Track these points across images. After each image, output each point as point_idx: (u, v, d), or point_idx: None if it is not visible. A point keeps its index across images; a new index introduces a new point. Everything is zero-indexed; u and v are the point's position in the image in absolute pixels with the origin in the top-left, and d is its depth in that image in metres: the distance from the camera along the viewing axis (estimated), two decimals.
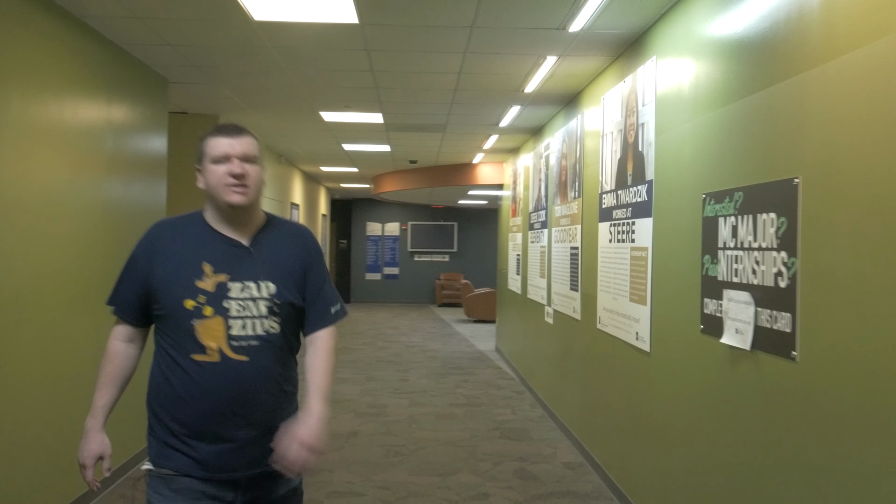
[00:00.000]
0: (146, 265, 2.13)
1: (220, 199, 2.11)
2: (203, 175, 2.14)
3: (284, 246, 2.23)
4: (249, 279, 2.13)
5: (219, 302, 2.08)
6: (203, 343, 2.07)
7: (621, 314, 4.65)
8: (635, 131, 4.45)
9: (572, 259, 6.07)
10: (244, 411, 2.09)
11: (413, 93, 6.15)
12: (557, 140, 6.79)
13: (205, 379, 2.07)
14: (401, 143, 9.12)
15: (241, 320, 2.09)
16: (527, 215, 8.55)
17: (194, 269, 2.10)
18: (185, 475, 2.09)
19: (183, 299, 2.08)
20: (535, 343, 7.80)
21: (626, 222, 4.57)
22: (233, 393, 2.08)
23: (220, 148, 2.10)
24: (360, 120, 7.49)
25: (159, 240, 2.17)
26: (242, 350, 2.09)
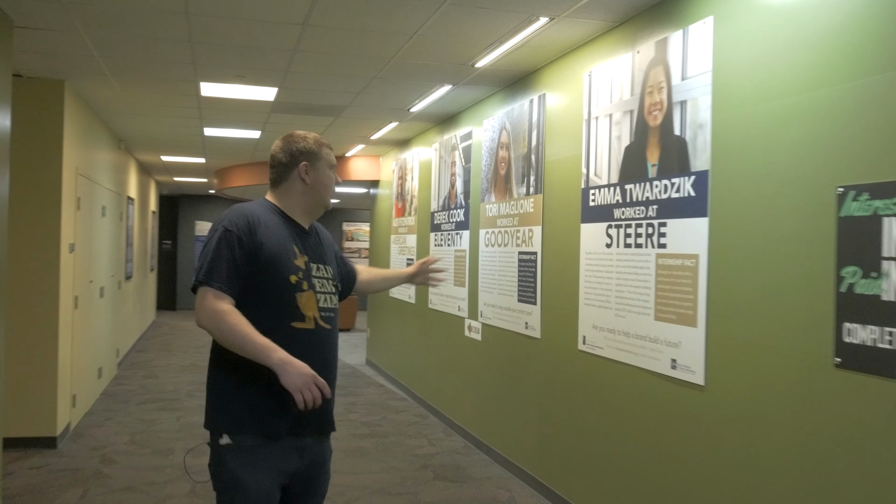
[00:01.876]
0: (250, 242, 2.30)
1: (326, 199, 2.52)
2: (316, 174, 2.47)
3: (324, 237, 2.62)
4: (320, 262, 2.49)
5: (309, 278, 2.39)
6: (304, 313, 2.34)
7: (638, 336, 3.80)
8: (665, 111, 3.62)
9: (525, 266, 5.17)
10: (329, 371, 2.39)
11: (339, 59, 4.99)
12: (490, 128, 5.87)
13: (303, 344, 2.32)
14: (277, 129, 7.83)
15: (324, 295, 2.43)
16: (427, 215, 7.56)
17: (289, 249, 2.38)
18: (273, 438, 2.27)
19: (289, 274, 2.34)
20: (447, 361, 6.83)
21: (648, 223, 3.73)
22: (323, 356, 2.39)
23: (334, 159, 2.53)
24: (246, 96, 6.18)
25: (257, 221, 2.34)
26: (327, 320, 2.42)
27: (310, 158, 2.45)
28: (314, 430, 2.38)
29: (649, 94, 3.76)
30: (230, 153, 9.88)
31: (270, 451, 2.27)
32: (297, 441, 2.33)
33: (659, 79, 3.68)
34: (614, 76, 4.09)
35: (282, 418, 2.26)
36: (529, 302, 5.09)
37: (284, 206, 2.45)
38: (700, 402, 3.33)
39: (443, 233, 7.03)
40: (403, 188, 8.59)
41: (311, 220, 2.52)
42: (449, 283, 6.79)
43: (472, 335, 6.17)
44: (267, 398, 2.24)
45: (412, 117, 7.04)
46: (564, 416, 4.59)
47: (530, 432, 5.06)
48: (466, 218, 6.40)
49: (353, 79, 5.55)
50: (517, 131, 5.37)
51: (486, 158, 5.94)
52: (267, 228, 2.34)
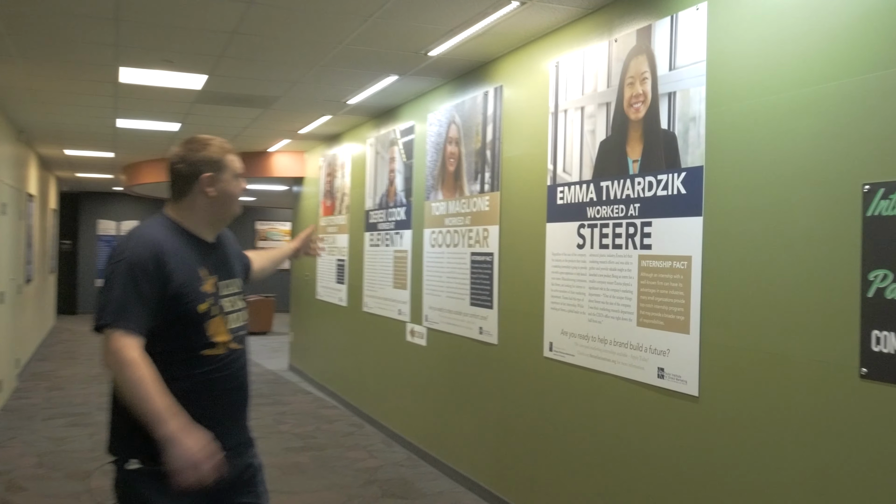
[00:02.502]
0: (158, 275, 2.15)
1: (233, 209, 2.38)
2: (221, 185, 2.32)
3: (228, 244, 2.51)
4: (227, 276, 2.39)
5: (218, 301, 2.29)
6: (214, 340, 2.25)
7: (617, 343, 3.56)
8: (649, 104, 3.40)
9: (479, 268, 4.89)
10: (242, 391, 2.38)
11: (282, 45, 4.58)
12: (436, 122, 5.57)
13: (215, 370, 2.25)
14: (199, 121, 7.30)
15: (234, 314, 2.36)
16: (361, 214, 7.19)
17: (196, 275, 2.25)
18: None
19: (198, 304, 2.22)
20: (386, 367, 6.48)
21: (629, 223, 3.50)
22: (234, 378, 2.33)
23: (240, 165, 2.40)
24: (170, 83, 5.67)
25: (163, 252, 2.18)
26: (238, 340, 2.35)
27: (214, 168, 2.30)
28: (228, 449, 2.26)
29: (630, 86, 3.54)
30: (143, 147, 9.22)
31: None
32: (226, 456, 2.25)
33: (641, 69, 3.46)
34: (587, 66, 3.85)
35: None
36: (484, 306, 4.81)
37: (187, 223, 2.31)
38: (693, 413, 3.12)
39: (380, 232, 6.67)
40: (333, 185, 8.18)
41: (217, 231, 2.39)
42: (387, 286, 6.44)
43: (416, 340, 5.85)
44: None
45: (347, 111, 6.66)
46: (527, 426, 4.33)
47: (486, 443, 4.78)
48: (408, 217, 6.07)
49: (293, 67, 5.15)
50: (469, 125, 5.08)
51: (432, 154, 5.63)
52: (174, 256, 2.20)
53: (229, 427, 2.30)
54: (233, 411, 2.34)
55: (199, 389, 2.21)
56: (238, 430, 2.36)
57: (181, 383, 2.17)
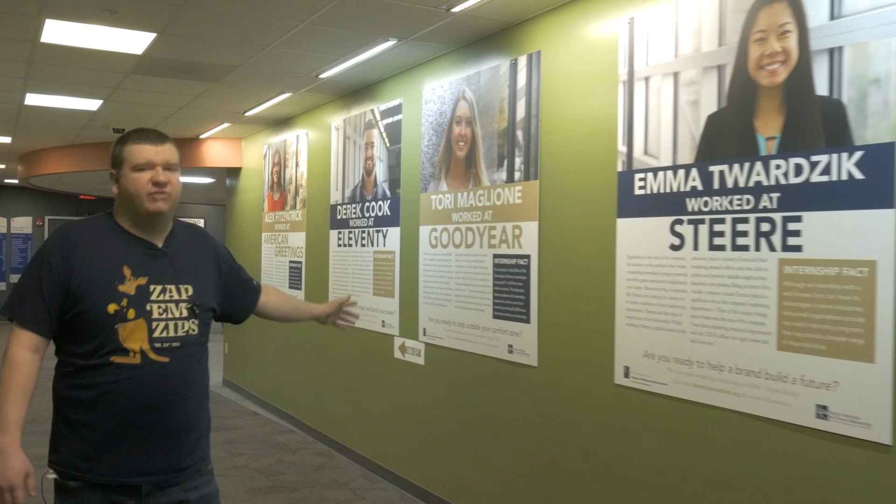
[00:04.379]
0: (63, 271, 2.08)
1: (141, 206, 2.12)
2: (121, 181, 2.14)
3: (195, 249, 2.29)
4: (169, 282, 2.16)
5: (141, 305, 2.10)
6: (126, 346, 2.07)
7: (744, 370, 2.79)
8: (793, 64, 2.63)
9: (506, 273, 4.04)
10: (164, 412, 2.11)
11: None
12: (436, 98, 4.67)
13: (125, 381, 2.06)
14: (126, 98, 6.14)
15: (163, 322, 2.12)
16: (324, 209, 6.20)
17: (115, 273, 2.10)
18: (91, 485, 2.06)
19: (106, 304, 2.07)
20: (364, 388, 5.53)
21: (761, 217, 2.73)
22: (152, 394, 2.09)
23: (143, 155, 2.11)
24: (106, 45, 4.56)
25: (73, 244, 2.11)
26: (164, 351, 2.11)
27: (115, 163, 2.16)
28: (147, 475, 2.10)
29: (759, 43, 2.76)
30: (50, 131, 7.88)
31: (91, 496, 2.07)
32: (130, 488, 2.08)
33: (779, 20, 2.69)
34: (682, 21, 3.06)
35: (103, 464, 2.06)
36: (515, 319, 3.97)
37: (121, 220, 2.19)
38: (884, 465, 2.37)
39: (352, 230, 5.72)
40: (282, 177, 7.14)
41: (153, 231, 2.19)
42: (364, 293, 5.51)
43: (410, 358, 4.95)
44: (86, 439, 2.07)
45: (311, 88, 5.68)
46: (587, 469, 3.51)
47: (519, 486, 3.93)
48: (394, 212, 5.15)
49: (266, 28, 4.15)
50: (487, 101, 4.22)
51: (431, 137, 4.74)
52: (87, 252, 2.10)
53: (140, 453, 2.09)
54: (148, 434, 2.09)
55: (105, 401, 2.05)
56: (154, 460, 2.11)
57: (87, 392, 2.06)
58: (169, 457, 2.13)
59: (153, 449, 2.10)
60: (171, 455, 2.13)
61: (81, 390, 2.07)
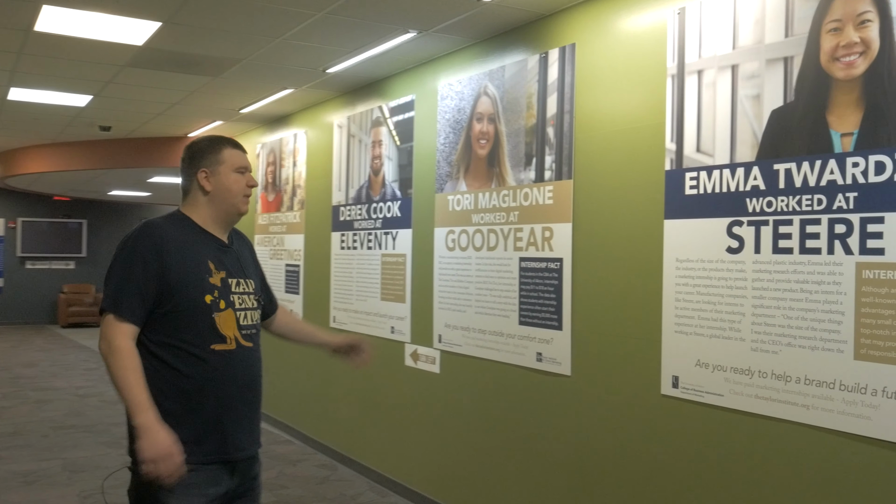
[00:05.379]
0: (158, 265, 2.21)
1: (234, 206, 2.37)
2: (217, 180, 2.34)
3: (245, 247, 2.53)
4: (240, 276, 2.39)
5: (227, 296, 2.31)
6: (223, 333, 2.27)
7: (816, 381, 2.62)
8: (873, 56, 2.47)
9: (535, 277, 3.84)
10: (254, 392, 2.36)
11: None
12: (453, 94, 4.47)
13: (226, 365, 2.27)
14: (119, 93, 5.86)
15: (244, 312, 2.35)
16: (325, 210, 5.97)
17: (204, 266, 2.29)
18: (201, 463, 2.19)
19: (203, 295, 2.25)
20: (371, 396, 5.30)
21: (834, 220, 2.56)
22: (247, 376, 2.33)
23: (242, 160, 2.40)
24: (105, 35, 4.29)
25: (165, 240, 2.25)
26: (248, 337, 2.35)
27: (208, 163, 2.35)
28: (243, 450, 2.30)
29: (833, 33, 2.60)
30: (32, 128, 7.55)
31: (198, 477, 2.19)
32: (228, 463, 2.27)
33: (857, 8, 2.52)
34: (741, 11, 2.89)
35: (210, 444, 2.22)
36: (545, 325, 3.77)
37: (195, 218, 2.36)
38: None
39: (358, 232, 5.49)
40: (277, 177, 6.89)
41: (228, 229, 2.42)
42: (371, 297, 5.28)
43: (424, 366, 4.73)
44: (193, 424, 2.21)
45: (315, 84, 5.45)
46: (625, 479, 3.33)
47: (545, 502, 3.73)
48: (406, 213, 4.94)
49: (281, 18, 3.92)
50: (513, 97, 4.02)
51: (448, 135, 4.53)
52: (176, 247, 2.26)
53: (238, 431, 2.29)
54: (243, 413, 2.31)
55: (209, 386, 2.23)
56: (247, 436, 2.33)
57: (190, 379, 2.22)
58: (254, 430, 2.38)
59: (247, 426, 2.33)
60: (255, 429, 2.38)
61: (183, 379, 2.22)
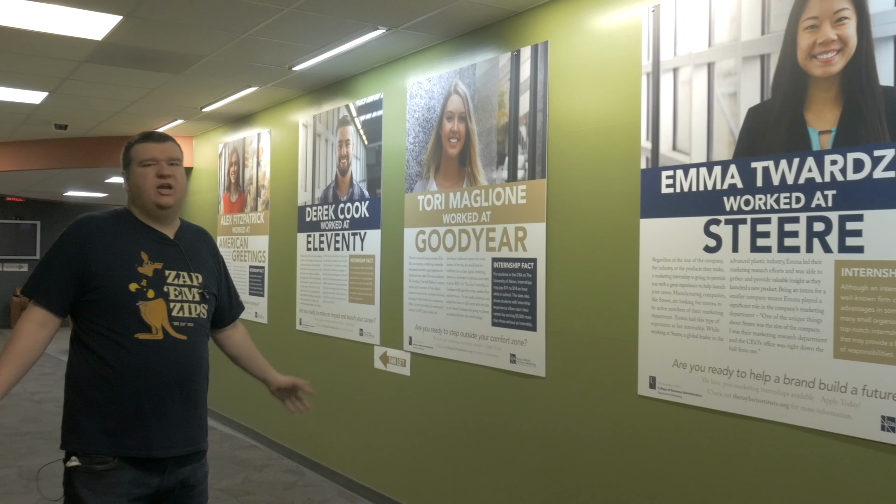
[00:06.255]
0: (80, 254, 2.24)
1: (149, 199, 2.31)
2: (130, 179, 2.34)
3: (200, 244, 2.49)
4: (181, 269, 2.36)
5: (159, 286, 2.28)
6: (148, 322, 2.24)
7: (794, 380, 2.61)
8: (850, 54, 2.47)
9: (508, 278, 3.79)
10: (184, 387, 2.29)
11: None
12: (423, 93, 4.41)
13: (150, 355, 2.23)
14: (76, 90, 5.69)
15: (179, 303, 2.31)
16: (290, 210, 5.86)
17: (134, 256, 2.28)
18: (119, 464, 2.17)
19: (128, 282, 2.23)
20: (339, 400, 5.21)
21: (812, 218, 2.55)
22: (176, 369, 2.27)
23: (148, 153, 2.32)
24: (64, 28, 4.15)
25: (91, 231, 2.28)
26: (182, 330, 2.29)
27: (124, 164, 2.38)
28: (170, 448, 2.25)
29: (810, 31, 2.59)
30: None
31: (121, 476, 2.19)
32: (156, 463, 2.23)
33: (835, 6, 2.52)
34: (717, 8, 2.88)
35: (131, 438, 2.19)
36: (519, 327, 3.73)
37: (136, 213, 2.37)
38: None
39: (324, 233, 5.39)
40: (240, 177, 6.76)
41: (164, 223, 2.38)
42: (339, 299, 5.19)
43: (393, 368, 4.66)
44: (113, 415, 2.19)
45: (280, 82, 5.34)
46: (602, 481, 3.30)
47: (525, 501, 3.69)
48: (374, 213, 4.86)
49: (248, 13, 3.82)
50: (484, 95, 3.98)
51: (418, 134, 4.47)
52: (105, 237, 2.28)
53: (166, 427, 2.24)
54: (172, 408, 2.26)
55: (130, 376, 2.20)
56: (177, 434, 2.27)
57: (113, 368, 2.20)
58: (188, 429, 2.30)
59: (176, 422, 2.26)
60: (189, 428, 2.30)
61: (106, 367, 2.21)
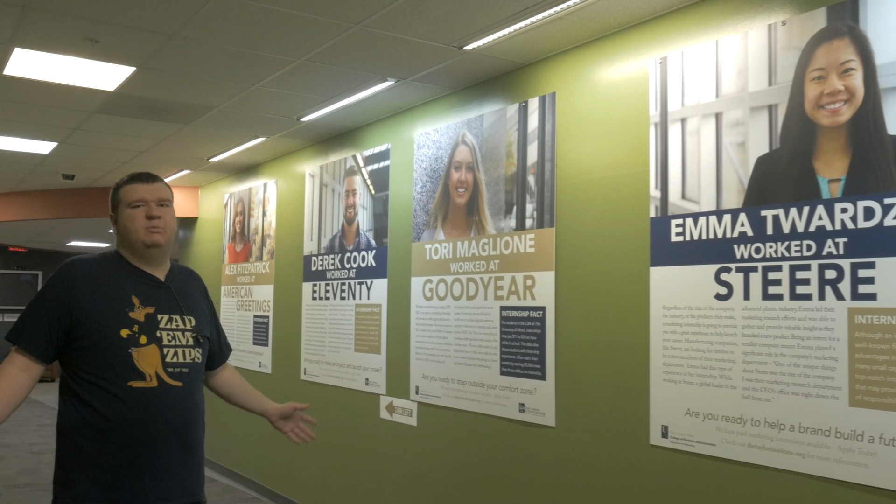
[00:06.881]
0: (67, 300, 2.17)
1: (139, 240, 2.24)
2: (119, 220, 2.28)
3: (191, 286, 2.43)
4: (174, 312, 2.29)
5: (151, 331, 2.21)
6: (141, 369, 2.16)
7: (805, 428, 2.58)
8: (858, 104, 2.51)
9: (517, 327, 3.78)
10: (181, 436, 2.21)
11: (265, 27, 3.36)
12: (430, 143, 4.46)
13: (145, 404, 2.15)
14: (85, 140, 5.75)
15: (173, 349, 2.24)
16: (296, 259, 5.87)
17: (125, 301, 2.20)
18: None
19: (119, 328, 2.16)
20: (344, 450, 5.15)
21: (824, 266, 2.56)
22: (172, 417, 2.19)
23: (137, 194, 2.26)
24: (75, 80, 4.21)
25: (80, 276, 2.21)
26: (177, 376, 2.22)
27: (112, 206, 2.33)
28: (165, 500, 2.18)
29: (817, 81, 2.64)
30: None
31: None
32: None
33: (840, 57, 2.57)
34: (724, 60, 2.93)
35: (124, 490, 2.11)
36: (528, 376, 3.71)
37: (126, 255, 2.31)
38: None
39: (330, 282, 5.40)
40: (246, 226, 6.79)
41: (155, 266, 2.32)
42: (344, 349, 5.17)
43: (399, 418, 4.61)
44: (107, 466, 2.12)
45: (287, 133, 5.41)
46: None
47: None
48: (381, 262, 4.87)
49: (258, 64, 3.89)
50: (492, 145, 4.02)
51: (425, 183, 4.50)
52: (93, 282, 2.21)
53: (160, 478, 2.16)
54: (168, 458, 2.19)
55: (125, 426, 2.13)
56: (173, 485, 2.20)
57: (106, 418, 2.12)
58: (184, 479, 2.23)
59: (172, 472, 2.19)
60: (185, 477, 2.23)
61: (98, 417, 2.13)
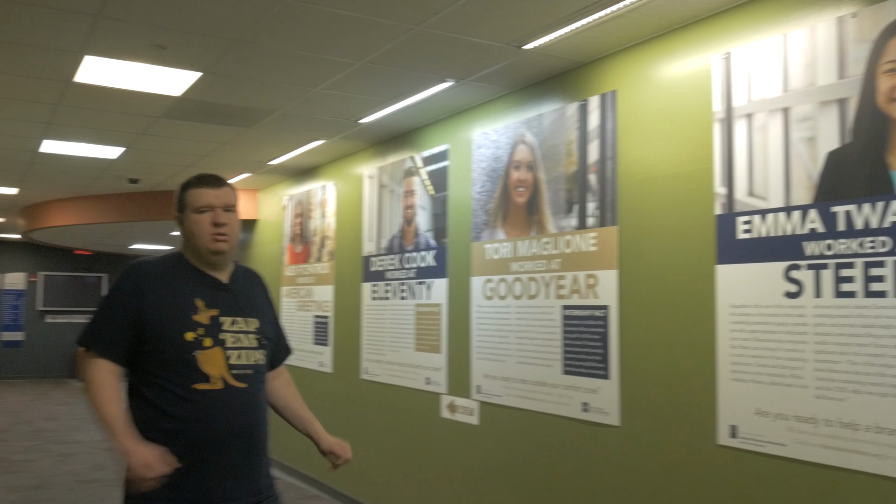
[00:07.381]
0: (135, 303, 2.19)
1: (203, 246, 2.26)
2: (185, 223, 2.28)
3: (253, 287, 2.43)
4: (237, 314, 2.29)
5: (215, 334, 2.22)
6: (206, 372, 2.17)
7: (881, 429, 2.53)
8: None
9: (579, 326, 3.77)
10: (247, 437, 2.22)
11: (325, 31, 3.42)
12: (491, 143, 4.47)
13: (210, 406, 2.16)
14: (150, 145, 5.90)
15: (237, 351, 2.24)
16: (356, 260, 5.94)
17: (189, 304, 2.22)
18: None
19: (183, 332, 2.18)
20: (406, 449, 5.19)
21: None
22: (238, 418, 2.20)
23: (204, 199, 2.26)
24: (142, 86, 4.34)
25: (146, 278, 2.23)
26: (242, 378, 2.23)
27: (180, 208, 2.32)
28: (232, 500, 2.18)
29: (889, 74, 2.58)
30: (60, 181, 7.62)
31: None
32: None
33: None
34: (791, 54, 2.88)
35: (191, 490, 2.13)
36: (591, 375, 3.70)
37: (189, 258, 2.32)
38: None
39: (389, 283, 5.45)
40: (305, 228, 6.89)
41: (219, 269, 2.33)
42: (405, 348, 5.22)
43: (460, 417, 4.64)
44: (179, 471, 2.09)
45: (346, 135, 5.47)
46: None
47: None
48: (441, 262, 4.90)
49: (320, 68, 3.95)
50: (552, 144, 4.02)
51: (485, 183, 4.52)
52: (159, 285, 2.23)
53: (226, 478, 2.18)
54: (234, 459, 2.19)
55: (192, 427, 2.14)
56: (240, 485, 2.20)
57: (173, 420, 2.14)
58: (250, 480, 2.23)
59: (238, 473, 2.20)
60: (252, 478, 2.24)
61: (166, 419, 2.15)
